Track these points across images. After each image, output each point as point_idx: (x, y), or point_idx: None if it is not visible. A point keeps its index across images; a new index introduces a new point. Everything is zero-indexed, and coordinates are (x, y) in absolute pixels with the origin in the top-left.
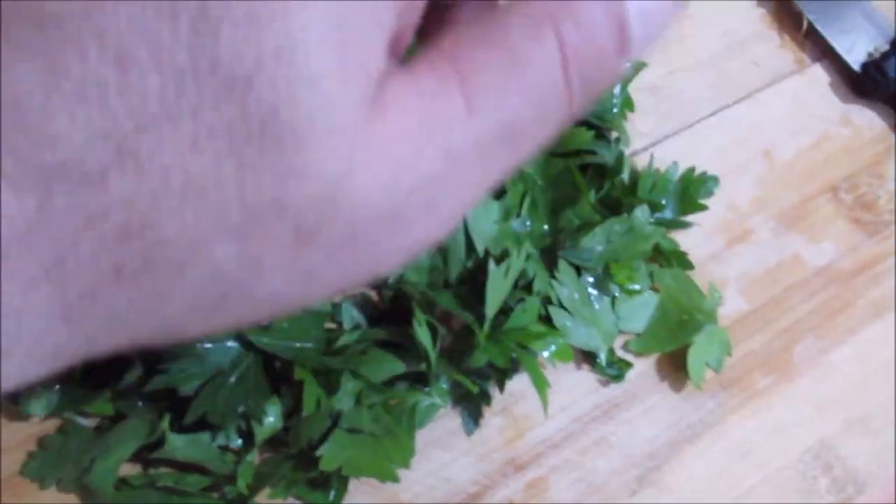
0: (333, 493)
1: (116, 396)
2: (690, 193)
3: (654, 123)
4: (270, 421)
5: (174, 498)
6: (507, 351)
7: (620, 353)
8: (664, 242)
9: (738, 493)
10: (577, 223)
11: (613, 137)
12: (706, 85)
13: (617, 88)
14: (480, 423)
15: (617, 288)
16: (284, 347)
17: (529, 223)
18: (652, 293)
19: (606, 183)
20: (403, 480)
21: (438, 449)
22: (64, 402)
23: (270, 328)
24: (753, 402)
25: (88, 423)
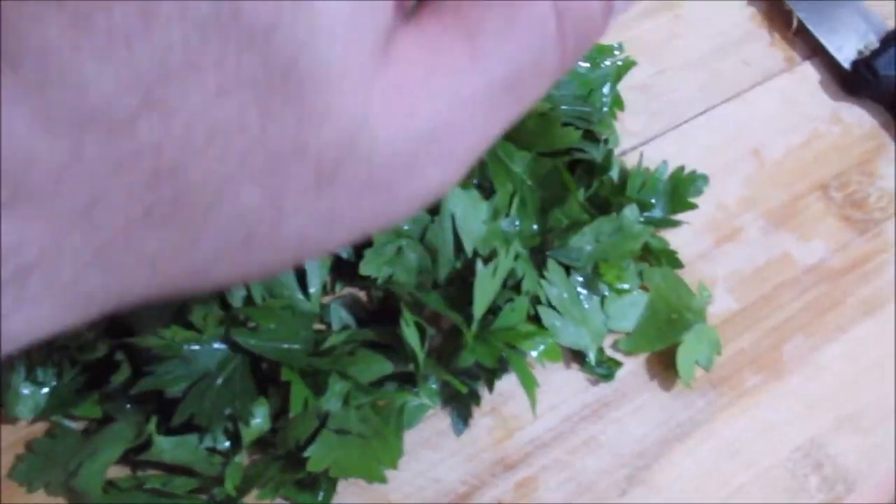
0: (322, 493)
1: (104, 399)
2: (680, 192)
3: (643, 122)
4: (257, 422)
5: (162, 500)
6: (495, 351)
7: (610, 352)
8: (653, 241)
9: (727, 491)
10: (565, 223)
11: (602, 137)
12: (696, 84)
13: (607, 87)
14: (470, 423)
15: (606, 287)
16: (271, 349)
17: (518, 223)
18: (641, 292)
19: (595, 182)
20: (392, 481)
21: (427, 449)
22: (52, 404)
23: (258, 329)
24: (743, 400)
25: (76, 426)
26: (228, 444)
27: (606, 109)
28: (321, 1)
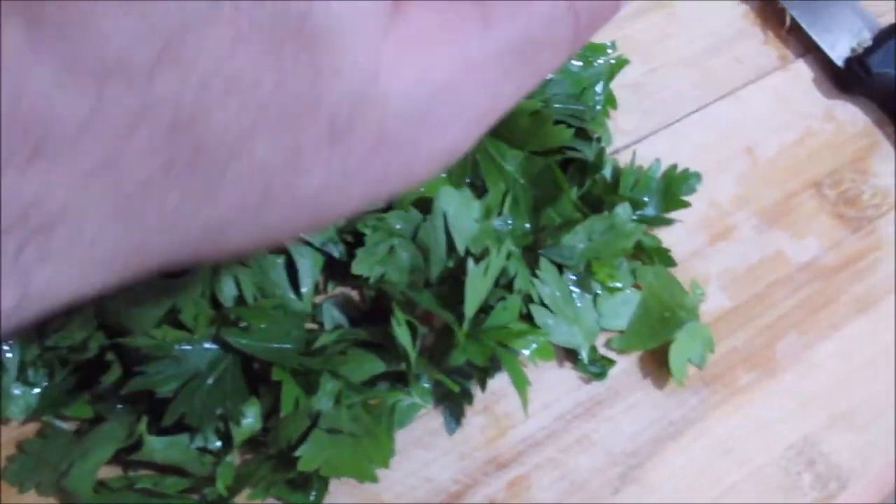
0: (314, 493)
1: (95, 399)
2: (673, 190)
3: (636, 121)
4: (248, 422)
5: (153, 500)
6: (486, 350)
7: (603, 350)
8: (646, 239)
9: (720, 489)
10: (558, 221)
11: (595, 135)
12: (689, 82)
13: (600, 86)
14: (462, 422)
15: (599, 285)
16: (262, 348)
17: (511, 222)
18: (634, 290)
19: (588, 180)
20: (384, 480)
21: (420, 448)
22: (43, 405)
23: (249, 329)
24: (736, 398)
25: (68, 426)
26: (220, 443)
27: (599, 108)
28: None
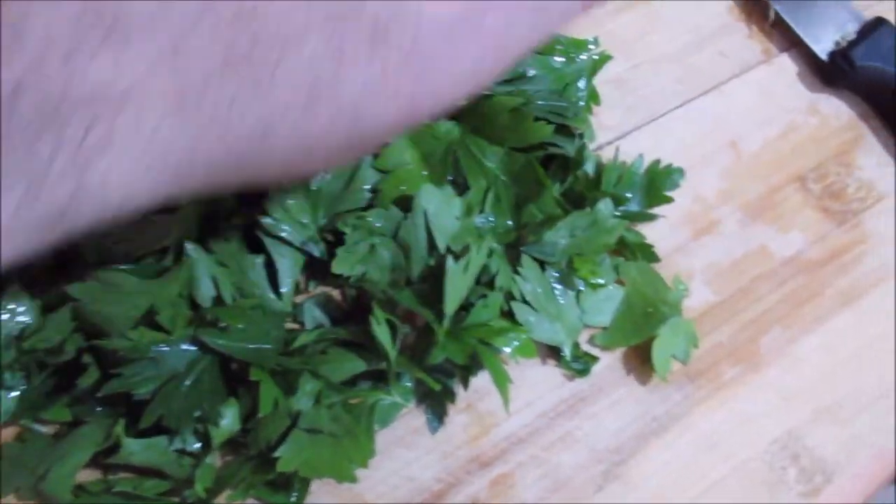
0: (295, 494)
1: (74, 402)
2: (656, 186)
3: (620, 117)
4: (227, 423)
5: (132, 503)
6: (466, 348)
7: (586, 347)
8: (629, 235)
9: (705, 485)
10: (540, 218)
11: (577, 132)
12: (672, 77)
13: (582, 82)
14: (445, 420)
15: (581, 282)
16: (240, 349)
17: (493, 219)
18: (617, 287)
19: (570, 177)
20: (367, 480)
21: (402, 448)
22: (21, 409)
23: (227, 330)
24: (720, 393)
25: (47, 430)
26: (198, 445)
27: (582, 104)
28: None
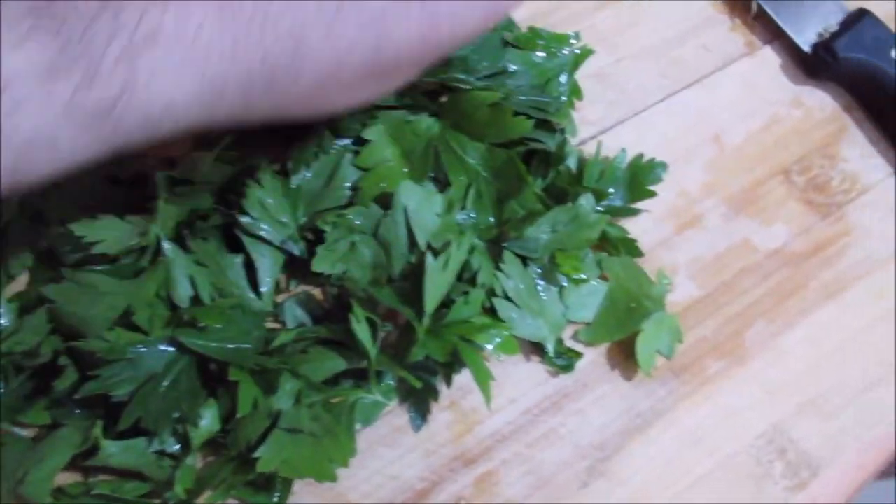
0: (277, 494)
1: (52, 405)
2: (639, 180)
3: (602, 111)
4: (205, 424)
5: None
6: (447, 345)
7: (570, 343)
8: (612, 230)
9: (690, 480)
10: (521, 213)
11: (559, 127)
12: (655, 71)
13: (564, 77)
14: (428, 418)
15: (564, 278)
16: (217, 349)
17: (474, 215)
18: (601, 282)
19: (552, 172)
20: (350, 479)
21: (385, 447)
22: None
23: (206, 330)
24: (705, 387)
25: (26, 433)
26: (178, 446)
27: (564, 99)
28: None
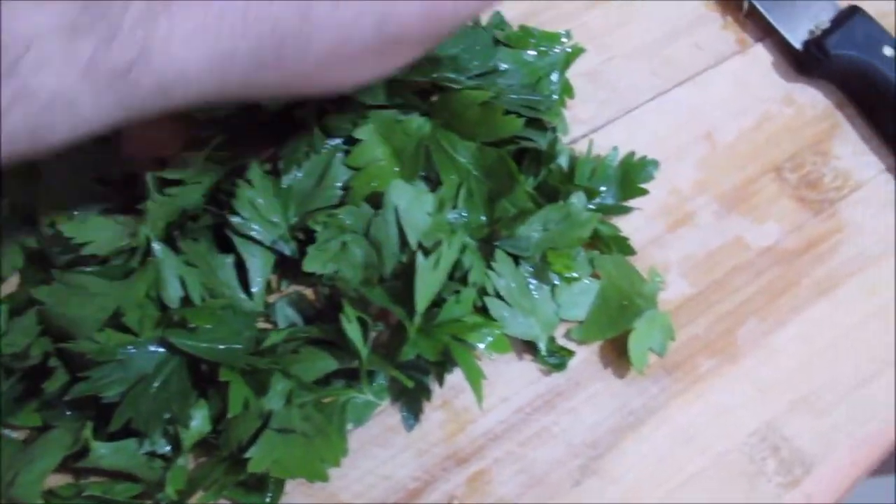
0: (270, 494)
1: (43, 407)
2: (630, 178)
3: (594, 110)
4: (196, 425)
5: None
6: (438, 344)
7: (562, 341)
8: (604, 228)
9: (682, 477)
10: (513, 212)
11: (550, 125)
12: (647, 69)
13: (555, 75)
14: (420, 418)
15: (556, 276)
16: (207, 349)
17: (466, 214)
18: (593, 280)
19: (543, 170)
20: (342, 479)
21: (377, 446)
22: None
23: (196, 330)
24: (697, 385)
25: (17, 435)
26: (169, 447)
27: (556, 97)
28: None
